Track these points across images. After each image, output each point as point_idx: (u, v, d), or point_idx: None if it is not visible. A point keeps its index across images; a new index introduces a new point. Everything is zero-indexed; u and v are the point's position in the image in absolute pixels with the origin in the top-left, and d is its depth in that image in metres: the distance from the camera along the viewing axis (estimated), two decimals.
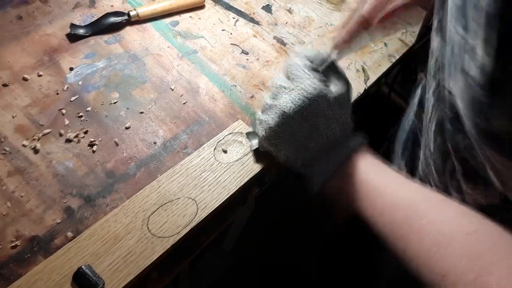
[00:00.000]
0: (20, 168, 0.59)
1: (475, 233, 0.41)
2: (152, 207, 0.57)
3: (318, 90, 0.54)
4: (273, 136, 0.57)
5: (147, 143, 0.65)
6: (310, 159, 0.56)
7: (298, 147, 0.56)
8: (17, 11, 0.76)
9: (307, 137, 0.55)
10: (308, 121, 0.54)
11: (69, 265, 0.51)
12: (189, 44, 0.80)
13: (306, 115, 0.54)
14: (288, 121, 0.55)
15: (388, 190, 0.49)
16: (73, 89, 0.69)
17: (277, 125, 0.55)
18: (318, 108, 0.54)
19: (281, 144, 0.57)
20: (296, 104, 0.54)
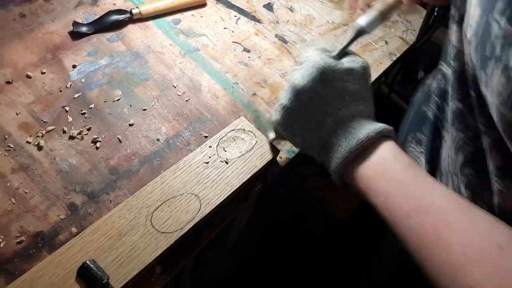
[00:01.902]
0: (24, 165, 0.60)
1: (507, 248, 0.38)
2: (155, 203, 0.57)
3: (325, 61, 0.52)
4: (287, 116, 0.54)
5: (150, 140, 0.66)
6: (327, 137, 0.52)
7: (313, 124, 0.53)
8: (20, 9, 0.76)
9: (321, 112, 0.52)
10: (320, 94, 0.52)
11: (74, 260, 0.51)
12: (191, 42, 0.80)
13: (317, 87, 0.52)
14: (300, 96, 0.52)
15: (417, 192, 0.45)
16: (76, 87, 0.69)
17: (290, 102, 0.53)
18: (328, 78, 0.52)
19: (296, 124, 0.54)
20: (304, 76, 0.52)
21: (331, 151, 0.52)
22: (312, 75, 0.52)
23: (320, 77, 0.52)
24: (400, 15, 0.96)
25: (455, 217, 0.42)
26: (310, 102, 0.52)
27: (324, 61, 0.52)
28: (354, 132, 0.50)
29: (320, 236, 1.49)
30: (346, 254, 1.45)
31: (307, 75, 0.52)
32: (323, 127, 0.52)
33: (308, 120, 0.53)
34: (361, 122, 0.51)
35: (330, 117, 0.52)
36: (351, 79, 0.53)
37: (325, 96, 0.52)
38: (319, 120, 0.53)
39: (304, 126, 0.54)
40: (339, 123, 0.52)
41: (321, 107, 0.52)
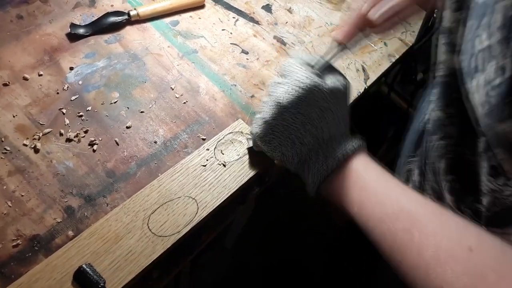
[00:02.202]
0: (20, 168, 0.60)
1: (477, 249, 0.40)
2: (152, 206, 0.57)
3: (311, 80, 0.53)
4: (268, 130, 0.55)
5: (148, 143, 0.65)
6: (306, 155, 0.54)
7: (293, 141, 0.54)
8: (18, 11, 0.76)
9: (302, 130, 0.54)
10: (303, 113, 0.53)
11: (70, 264, 0.51)
12: (189, 43, 0.80)
13: (300, 105, 0.53)
14: (282, 112, 0.53)
15: (389, 198, 0.48)
16: (73, 89, 0.69)
17: (272, 117, 0.54)
18: (312, 98, 0.53)
19: (276, 139, 0.55)
20: (290, 94, 0.53)
21: (308, 167, 0.54)
22: (297, 94, 0.53)
23: (305, 96, 0.53)
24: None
25: (426, 220, 0.44)
26: (293, 120, 0.54)
27: (311, 80, 0.53)
28: (333, 151, 0.53)
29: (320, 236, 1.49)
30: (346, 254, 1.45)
31: (293, 94, 0.53)
32: (302, 144, 0.54)
33: (289, 136, 0.55)
34: (339, 142, 0.54)
35: (311, 136, 0.54)
36: (333, 99, 0.54)
37: (308, 115, 0.54)
38: (300, 137, 0.54)
39: (284, 141, 0.55)
40: (319, 142, 0.54)
41: (303, 125, 0.54)
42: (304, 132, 0.54)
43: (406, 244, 0.43)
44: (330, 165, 0.52)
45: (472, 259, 0.40)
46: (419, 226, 0.44)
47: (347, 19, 0.58)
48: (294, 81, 0.54)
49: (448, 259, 0.40)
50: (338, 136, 0.54)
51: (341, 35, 0.57)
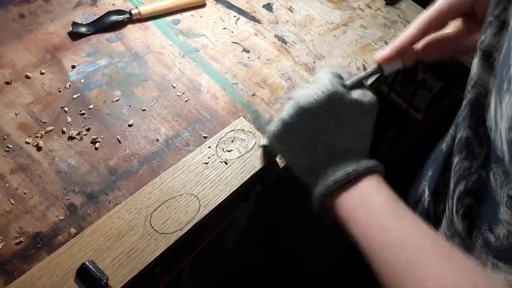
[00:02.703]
0: (23, 165, 0.60)
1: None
2: (154, 203, 0.57)
3: (335, 87, 0.52)
4: (283, 129, 0.54)
5: (150, 140, 0.66)
6: (316, 163, 0.52)
7: (306, 146, 0.53)
8: (19, 10, 0.76)
9: (316, 136, 0.52)
10: (320, 119, 0.52)
11: (73, 261, 0.51)
12: (191, 42, 0.80)
13: (319, 110, 0.51)
14: (300, 114, 0.52)
15: (397, 225, 0.45)
16: (75, 87, 0.69)
17: (289, 116, 0.53)
18: (332, 105, 0.52)
19: (289, 140, 0.54)
20: (311, 96, 0.51)
21: (316, 177, 0.52)
22: (318, 97, 0.51)
23: (325, 101, 0.51)
24: (400, 16, 0.96)
25: (433, 255, 0.42)
26: (309, 124, 0.52)
27: (333, 86, 0.52)
28: (344, 165, 0.50)
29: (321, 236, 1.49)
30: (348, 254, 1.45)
31: (313, 96, 0.52)
32: (315, 152, 0.52)
33: (303, 141, 0.53)
34: (353, 157, 0.51)
35: (325, 145, 0.52)
36: (355, 112, 0.53)
37: (325, 123, 0.52)
38: (314, 144, 0.52)
39: (297, 144, 0.53)
40: (332, 154, 0.52)
41: (318, 132, 0.52)
42: (319, 139, 0.52)
43: (407, 277, 0.42)
44: (338, 179, 0.50)
45: None
46: (424, 259, 0.42)
47: (391, 44, 0.56)
48: (318, 85, 0.52)
49: None
50: (353, 152, 0.52)
51: (384, 56, 0.56)
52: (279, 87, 0.77)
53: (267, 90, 0.76)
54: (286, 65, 0.81)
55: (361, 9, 0.95)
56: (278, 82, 0.78)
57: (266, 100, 0.75)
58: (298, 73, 0.80)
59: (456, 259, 0.42)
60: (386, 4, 0.97)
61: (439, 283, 0.39)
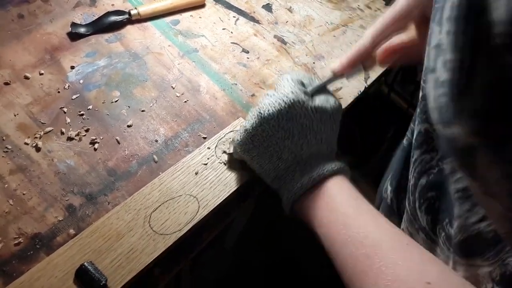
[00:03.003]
0: (22, 166, 0.60)
1: (434, 284, 0.39)
2: (153, 204, 0.57)
3: (296, 96, 0.53)
4: (247, 139, 0.55)
5: (149, 141, 0.66)
6: (283, 170, 0.54)
7: (271, 154, 0.54)
8: (18, 10, 0.76)
9: (281, 145, 0.53)
10: (283, 128, 0.53)
11: (72, 262, 0.51)
12: (190, 43, 0.80)
13: (282, 119, 0.53)
14: (263, 124, 0.53)
15: (356, 223, 0.47)
16: (74, 88, 0.69)
17: (253, 127, 0.54)
18: (294, 114, 0.53)
19: (254, 149, 0.55)
20: (273, 106, 0.53)
21: (283, 183, 0.54)
22: (280, 107, 0.53)
23: (287, 110, 0.53)
24: None
25: (390, 249, 0.43)
26: (272, 133, 0.53)
27: (295, 95, 0.53)
28: (310, 170, 0.52)
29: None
30: None
31: (274, 106, 0.53)
32: (280, 160, 0.54)
33: (268, 150, 0.54)
34: (318, 161, 0.53)
35: (289, 152, 0.53)
36: (317, 118, 0.54)
37: (288, 131, 0.53)
38: (278, 151, 0.54)
39: (262, 153, 0.55)
40: (298, 160, 0.54)
41: (282, 140, 0.53)
42: (283, 147, 0.54)
43: (365, 271, 0.43)
44: (304, 184, 0.52)
45: None
46: (381, 255, 0.43)
47: (349, 52, 0.56)
48: (280, 94, 0.53)
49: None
50: (319, 157, 0.54)
51: (339, 68, 0.56)
52: None
53: (267, 91, 0.76)
54: (286, 65, 0.81)
55: (360, 9, 0.95)
56: None
57: None
58: None
59: (412, 255, 0.43)
60: (385, 4, 0.97)
61: (394, 279, 0.41)
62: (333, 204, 0.50)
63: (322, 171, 0.52)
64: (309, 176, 0.52)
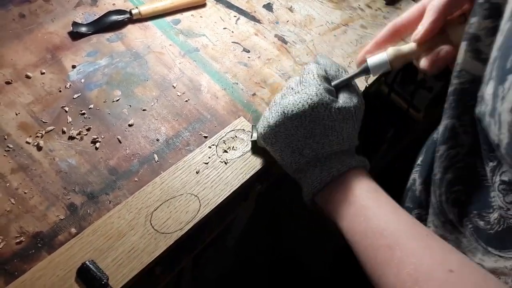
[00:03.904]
0: (23, 165, 0.60)
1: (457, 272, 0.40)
2: (155, 203, 0.57)
3: (320, 98, 0.53)
4: (270, 134, 0.57)
5: (150, 140, 0.66)
6: (304, 165, 0.55)
7: (293, 150, 0.55)
8: (20, 10, 0.76)
9: (302, 142, 0.55)
10: (305, 127, 0.54)
11: (73, 261, 0.51)
12: (191, 42, 0.80)
13: (304, 120, 0.54)
14: (286, 122, 0.55)
15: (376, 215, 0.48)
16: (75, 87, 0.69)
17: (275, 124, 0.55)
18: (318, 116, 0.54)
19: (277, 143, 0.57)
20: (296, 107, 0.54)
21: (304, 176, 0.55)
22: (303, 108, 0.53)
23: (310, 113, 0.53)
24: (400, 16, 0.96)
25: (410, 240, 0.44)
26: (295, 132, 0.55)
27: (319, 97, 0.53)
28: (330, 166, 0.54)
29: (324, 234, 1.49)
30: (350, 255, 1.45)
31: (299, 107, 0.54)
32: (302, 155, 0.55)
33: (290, 146, 0.56)
34: (338, 157, 0.54)
35: (311, 149, 0.55)
36: (340, 119, 0.54)
37: (311, 131, 0.54)
38: (300, 148, 0.55)
39: (284, 148, 0.56)
40: (318, 157, 0.55)
41: (304, 139, 0.54)
42: (305, 145, 0.55)
43: (386, 261, 0.44)
44: (323, 179, 0.53)
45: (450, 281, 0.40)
46: (402, 245, 0.44)
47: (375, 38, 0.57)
48: (305, 94, 0.54)
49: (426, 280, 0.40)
50: (339, 154, 0.55)
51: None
52: (279, 87, 0.77)
53: (268, 90, 0.76)
54: (287, 65, 0.81)
55: (361, 9, 0.95)
56: (279, 82, 0.78)
57: (266, 100, 0.75)
58: (298, 73, 0.80)
59: (432, 245, 0.44)
60: (386, 4, 0.97)
61: (416, 268, 0.41)
62: (352, 197, 0.51)
63: (342, 167, 0.53)
64: (329, 172, 0.53)
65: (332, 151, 0.55)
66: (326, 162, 0.54)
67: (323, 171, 0.54)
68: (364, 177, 0.53)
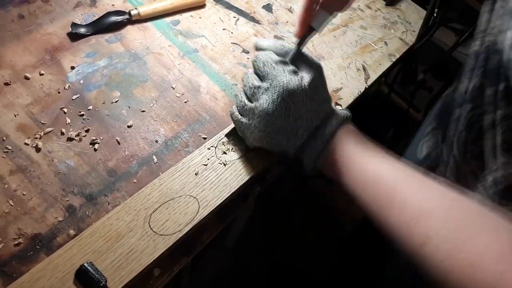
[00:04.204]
0: (22, 167, 0.60)
1: (459, 200, 0.44)
2: (154, 205, 0.57)
3: (294, 85, 0.56)
4: (263, 137, 0.58)
5: (149, 142, 0.66)
6: (302, 144, 0.58)
7: (288, 137, 0.57)
8: (19, 10, 0.76)
9: (293, 125, 0.57)
10: (292, 115, 0.56)
11: (72, 263, 0.51)
12: (190, 43, 0.80)
13: (289, 109, 0.56)
14: (273, 121, 0.57)
15: (370, 165, 0.52)
16: (74, 88, 0.69)
17: (265, 127, 0.57)
18: (298, 101, 0.56)
19: (272, 140, 0.58)
20: (276, 104, 0.56)
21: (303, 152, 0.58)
22: (283, 103, 0.56)
23: (291, 100, 0.56)
24: (400, 16, 0.96)
25: (408, 183, 0.48)
26: (285, 122, 0.57)
27: (293, 83, 0.56)
28: (320, 135, 0.56)
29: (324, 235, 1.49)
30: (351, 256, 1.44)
31: (280, 102, 0.56)
32: (297, 137, 0.57)
33: (284, 135, 0.58)
34: (325, 123, 0.57)
35: (303, 129, 0.57)
36: (315, 89, 0.58)
37: (297, 113, 0.56)
38: (294, 131, 0.57)
39: (280, 139, 0.58)
40: (312, 131, 0.57)
41: (295, 122, 0.57)
42: (297, 127, 0.57)
43: (389, 203, 0.47)
44: (319, 144, 0.56)
45: (449, 215, 0.43)
46: (400, 189, 0.47)
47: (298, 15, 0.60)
48: (277, 87, 0.56)
49: (428, 217, 0.43)
50: (325, 118, 0.57)
51: (297, 31, 0.60)
52: None
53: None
54: None
55: (361, 9, 0.95)
56: None
57: None
58: None
59: (430, 185, 0.47)
60: (386, 4, 0.97)
61: (418, 207, 0.44)
62: (346, 153, 0.54)
63: (331, 128, 0.56)
64: (323, 136, 0.56)
65: (321, 117, 0.57)
66: (317, 132, 0.56)
67: (317, 142, 0.56)
68: (352, 131, 0.57)
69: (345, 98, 0.78)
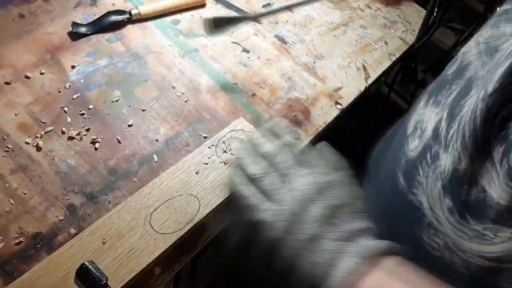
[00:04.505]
0: (22, 166, 0.60)
1: None
2: (154, 204, 0.57)
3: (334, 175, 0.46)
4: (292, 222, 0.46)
5: (149, 141, 0.66)
6: (308, 240, 0.46)
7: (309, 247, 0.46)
8: (19, 10, 0.76)
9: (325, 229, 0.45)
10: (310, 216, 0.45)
11: (72, 261, 0.51)
12: (191, 42, 0.80)
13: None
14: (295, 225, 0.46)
15: None
16: (75, 87, 0.69)
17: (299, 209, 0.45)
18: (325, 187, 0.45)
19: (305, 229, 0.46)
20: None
21: (304, 263, 0.47)
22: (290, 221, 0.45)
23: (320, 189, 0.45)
24: (400, 16, 0.96)
25: None
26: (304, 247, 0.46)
27: (313, 186, 0.45)
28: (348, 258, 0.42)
29: None
30: None
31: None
32: (322, 251, 0.45)
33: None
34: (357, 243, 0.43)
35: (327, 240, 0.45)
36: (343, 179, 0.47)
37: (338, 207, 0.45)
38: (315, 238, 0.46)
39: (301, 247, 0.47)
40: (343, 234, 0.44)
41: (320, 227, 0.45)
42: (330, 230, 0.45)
43: None
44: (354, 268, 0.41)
45: None
46: None
47: None
48: (317, 175, 0.46)
49: None
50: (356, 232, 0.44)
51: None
52: (279, 87, 0.77)
53: (267, 90, 0.76)
54: (286, 65, 0.81)
55: (361, 9, 0.95)
56: (278, 82, 0.78)
57: (266, 100, 0.75)
58: (298, 73, 0.80)
59: None
60: (386, 4, 0.97)
61: None
62: None
63: (358, 259, 0.42)
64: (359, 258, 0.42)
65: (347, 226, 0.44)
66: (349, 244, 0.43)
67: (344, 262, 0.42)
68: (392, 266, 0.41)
69: (345, 97, 0.78)
